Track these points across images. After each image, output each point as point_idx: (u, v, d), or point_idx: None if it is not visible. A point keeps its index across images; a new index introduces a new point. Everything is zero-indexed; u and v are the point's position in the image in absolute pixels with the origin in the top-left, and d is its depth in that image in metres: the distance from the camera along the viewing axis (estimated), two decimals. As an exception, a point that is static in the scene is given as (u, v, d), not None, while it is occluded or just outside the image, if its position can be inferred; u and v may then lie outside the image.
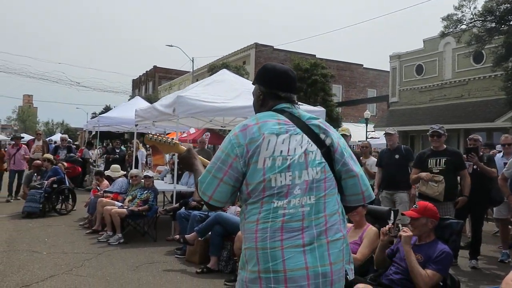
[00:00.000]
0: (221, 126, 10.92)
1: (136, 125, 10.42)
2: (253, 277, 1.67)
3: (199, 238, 5.83)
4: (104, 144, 23.37)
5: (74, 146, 16.30)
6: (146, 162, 14.59)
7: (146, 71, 54.47)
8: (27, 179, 10.41)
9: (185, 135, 18.75)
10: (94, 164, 15.57)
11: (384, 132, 7.74)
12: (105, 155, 15.00)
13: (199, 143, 10.63)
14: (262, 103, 1.96)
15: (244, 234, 1.75)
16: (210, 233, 5.76)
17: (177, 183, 8.56)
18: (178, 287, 4.92)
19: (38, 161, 10.37)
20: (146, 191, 7.48)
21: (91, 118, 31.14)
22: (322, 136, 1.85)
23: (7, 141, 32.81)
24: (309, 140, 1.80)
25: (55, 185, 9.67)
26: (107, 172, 9.57)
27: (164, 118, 8.61)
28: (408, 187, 6.49)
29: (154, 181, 8.10)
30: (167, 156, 13.18)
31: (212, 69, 25.99)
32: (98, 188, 9.08)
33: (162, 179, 10.18)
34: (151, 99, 22.21)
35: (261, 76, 1.98)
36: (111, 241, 6.98)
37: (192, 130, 18.37)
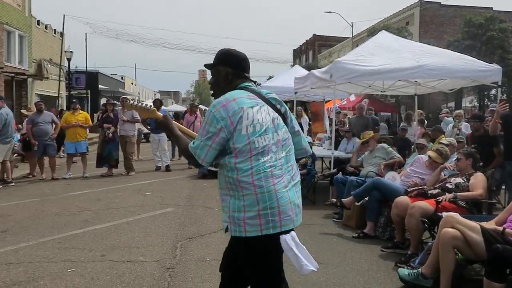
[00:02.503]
0: (381, 91, 10.49)
1: (296, 93, 10.69)
2: (252, 215, 2.15)
3: (356, 203, 5.83)
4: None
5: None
6: (309, 130, 14.94)
7: (306, 40, 54.94)
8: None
9: (344, 102, 18.55)
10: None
11: None
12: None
13: (357, 109, 10.43)
14: (230, 82, 2.38)
15: (238, 184, 2.17)
16: (367, 198, 5.71)
17: (335, 149, 8.61)
18: (334, 249, 5.04)
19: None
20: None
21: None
22: (278, 106, 2.38)
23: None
24: (272, 110, 2.32)
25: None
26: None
27: (322, 85, 8.65)
28: None
29: (313, 147, 8.27)
30: (326, 124, 13.29)
31: (372, 32, 24.90)
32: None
33: (321, 146, 10.34)
34: (311, 68, 22.45)
35: (227, 59, 2.40)
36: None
37: (353, 97, 18.04)
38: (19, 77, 22.10)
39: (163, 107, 12.70)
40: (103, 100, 37.84)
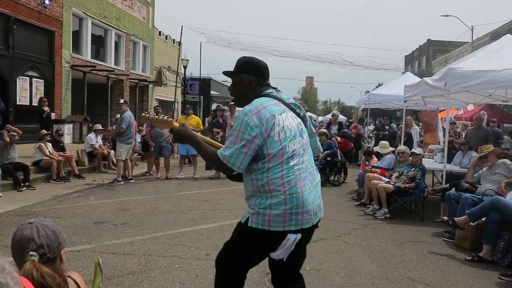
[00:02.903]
0: (503, 101, 9.54)
1: (405, 101, 10.20)
2: (279, 213, 2.30)
3: (471, 223, 5.36)
4: (377, 122, 23.84)
5: (346, 123, 17.24)
6: (421, 140, 14.17)
7: (419, 46, 52.18)
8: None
9: (461, 112, 17.23)
10: (365, 140, 16.12)
11: None
12: (375, 132, 15.33)
13: (475, 120, 9.64)
14: (253, 89, 2.49)
15: (267, 187, 2.31)
16: (484, 218, 5.22)
17: (449, 162, 8.03)
18: (443, 271, 4.69)
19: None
20: (413, 169, 7.31)
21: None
22: (298, 110, 2.53)
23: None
24: (294, 115, 2.46)
25: (329, 158, 10.53)
26: (375, 148, 9.79)
27: (435, 93, 8.13)
28: None
29: (424, 159, 7.82)
30: (440, 135, 12.45)
31: (496, 36, 22.79)
32: (366, 163, 9.42)
33: (433, 158, 9.72)
34: (424, 75, 21.27)
35: (251, 67, 2.51)
36: (377, 215, 7.17)
37: (471, 107, 16.67)
38: (142, 83, 24.21)
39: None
40: (214, 106, 39.84)
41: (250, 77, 2.49)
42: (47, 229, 1.58)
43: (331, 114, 17.86)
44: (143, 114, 2.70)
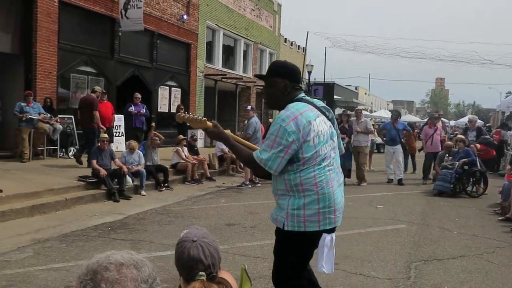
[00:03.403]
0: None
1: None
2: (312, 213, 2.42)
3: None
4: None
5: (485, 128, 15.64)
6: None
7: None
8: (439, 159, 10.87)
9: None
10: (510, 147, 14.43)
11: None
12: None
13: None
14: (288, 93, 2.54)
15: (300, 186, 2.42)
16: None
17: None
18: None
19: (449, 142, 10.63)
20: None
21: (505, 98, 28.93)
22: (327, 113, 2.59)
23: (420, 122, 35.20)
24: (326, 119, 2.54)
25: (466, 167, 9.65)
26: (524, 157, 8.69)
27: None
28: None
29: None
30: None
31: None
32: (513, 173, 8.41)
33: None
34: None
35: (285, 71, 2.57)
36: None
37: None
38: (267, 90, 24.92)
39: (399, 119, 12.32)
40: (337, 110, 39.38)
41: (285, 81, 2.55)
42: (210, 247, 1.67)
43: (467, 119, 16.33)
44: (178, 113, 2.71)
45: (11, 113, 9.95)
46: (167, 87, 16.23)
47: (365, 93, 56.19)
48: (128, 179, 8.74)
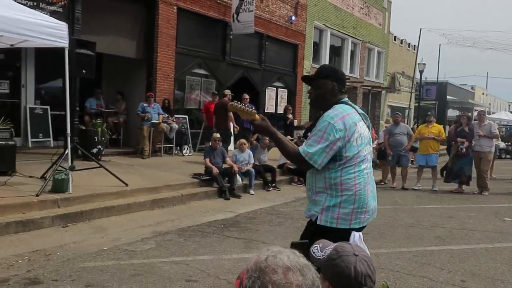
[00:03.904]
0: None
1: None
2: (347, 212, 2.56)
3: None
4: None
5: None
6: None
7: None
8: None
9: None
10: None
11: None
12: None
13: None
14: (335, 95, 2.68)
15: (340, 186, 2.54)
16: None
17: None
18: None
19: None
20: None
21: None
22: (365, 121, 2.73)
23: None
24: (365, 124, 2.72)
25: None
26: None
27: None
28: None
29: None
30: None
31: None
32: None
33: None
34: None
35: (335, 75, 2.73)
36: None
37: None
38: (374, 90, 24.12)
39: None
40: (450, 112, 36.71)
41: (333, 83, 2.68)
42: (370, 261, 1.57)
43: None
44: (231, 103, 2.88)
45: (134, 113, 10.80)
46: (274, 88, 16.41)
47: (483, 93, 51.59)
48: (238, 178, 8.97)
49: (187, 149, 11.59)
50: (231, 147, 12.24)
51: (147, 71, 11.61)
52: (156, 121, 10.53)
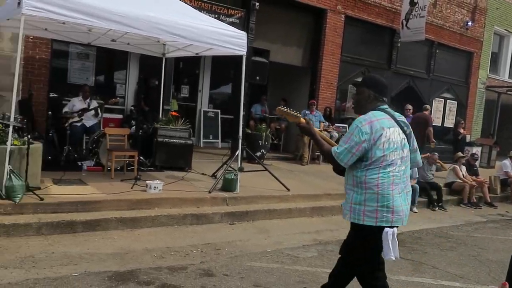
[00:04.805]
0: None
1: None
2: (372, 209, 2.75)
3: None
4: None
5: None
6: None
7: None
8: None
9: None
10: None
11: None
12: None
13: None
14: (370, 102, 2.93)
15: (364, 184, 2.77)
16: None
17: None
18: None
19: None
20: None
21: None
22: (405, 128, 2.91)
23: None
24: (401, 131, 2.87)
25: None
26: None
27: None
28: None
29: None
30: None
31: None
32: None
33: None
34: None
35: (372, 83, 3.00)
36: None
37: None
38: None
39: None
40: None
41: (370, 91, 2.92)
42: None
43: None
44: (278, 107, 3.14)
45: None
46: (442, 99, 15.14)
47: None
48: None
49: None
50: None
51: (311, 79, 11.75)
52: (317, 129, 10.57)
